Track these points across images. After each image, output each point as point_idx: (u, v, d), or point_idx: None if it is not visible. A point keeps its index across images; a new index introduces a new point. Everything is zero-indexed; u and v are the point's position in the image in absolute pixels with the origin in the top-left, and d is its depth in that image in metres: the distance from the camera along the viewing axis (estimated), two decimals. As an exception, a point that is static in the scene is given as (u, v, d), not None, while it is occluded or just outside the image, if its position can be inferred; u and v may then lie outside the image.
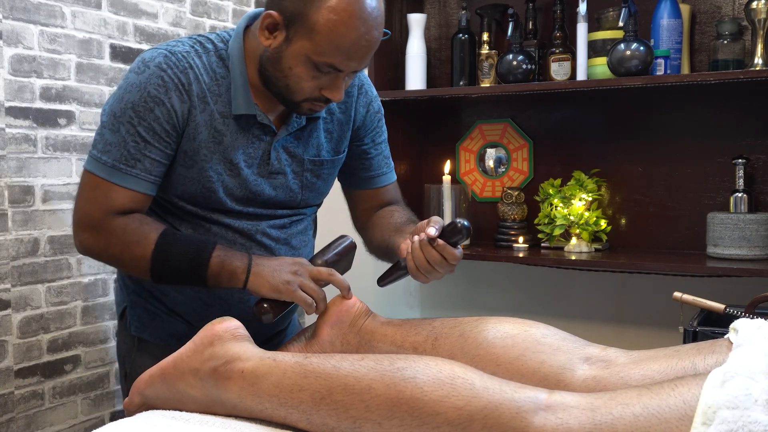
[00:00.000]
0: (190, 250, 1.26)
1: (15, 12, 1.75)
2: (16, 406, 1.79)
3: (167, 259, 1.26)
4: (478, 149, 2.45)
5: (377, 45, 1.24)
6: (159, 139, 1.26)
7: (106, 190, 1.26)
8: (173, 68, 1.27)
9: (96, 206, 1.27)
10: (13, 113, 1.76)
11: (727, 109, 2.09)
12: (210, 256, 1.25)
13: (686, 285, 2.05)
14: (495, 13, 2.29)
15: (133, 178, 1.26)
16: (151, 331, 1.44)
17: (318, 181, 1.43)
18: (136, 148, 1.25)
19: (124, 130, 1.25)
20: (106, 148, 1.26)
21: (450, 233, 1.25)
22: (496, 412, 0.90)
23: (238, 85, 1.30)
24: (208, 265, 1.25)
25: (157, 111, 1.25)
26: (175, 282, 1.30)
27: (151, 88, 1.25)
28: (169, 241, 1.26)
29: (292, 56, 1.22)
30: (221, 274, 1.26)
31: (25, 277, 1.80)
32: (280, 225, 1.41)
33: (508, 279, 2.40)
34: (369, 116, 1.49)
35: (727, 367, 0.88)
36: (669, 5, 1.99)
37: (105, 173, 1.26)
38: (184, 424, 1.04)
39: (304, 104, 1.28)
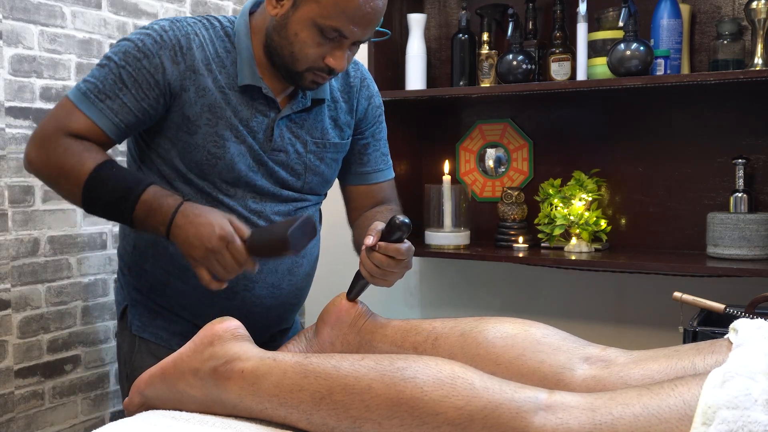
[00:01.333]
0: (125, 183, 1.25)
1: (15, 12, 1.75)
2: (16, 406, 1.79)
3: (98, 191, 1.25)
4: (478, 149, 2.45)
5: (380, 16, 1.28)
6: (138, 88, 1.29)
7: (68, 112, 1.29)
8: (175, 32, 1.32)
9: (53, 123, 1.29)
10: (13, 113, 1.76)
11: (727, 109, 2.09)
12: (142, 191, 1.24)
13: (686, 285, 2.05)
14: (495, 13, 2.29)
15: (98, 111, 1.28)
16: (152, 330, 1.45)
17: (321, 165, 1.45)
18: (112, 87, 1.28)
19: (107, 69, 1.29)
20: (89, 80, 1.30)
21: (389, 233, 1.23)
22: (496, 412, 0.90)
23: (244, 58, 1.34)
24: (138, 201, 1.24)
25: (145, 62, 1.29)
26: (104, 215, 1.30)
27: (147, 41, 1.30)
28: (106, 172, 1.25)
29: (298, 21, 1.26)
30: (147, 215, 1.24)
31: (25, 277, 1.80)
32: (284, 211, 1.42)
33: (508, 279, 2.40)
34: (370, 109, 1.52)
35: (727, 367, 0.88)
36: (669, 5, 2.00)
37: (75, 98, 1.29)
38: (184, 424, 1.04)
39: (307, 74, 1.31)
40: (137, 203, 1.23)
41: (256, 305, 1.42)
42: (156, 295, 1.44)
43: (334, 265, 2.14)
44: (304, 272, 1.48)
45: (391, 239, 1.22)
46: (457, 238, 2.27)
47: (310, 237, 1.23)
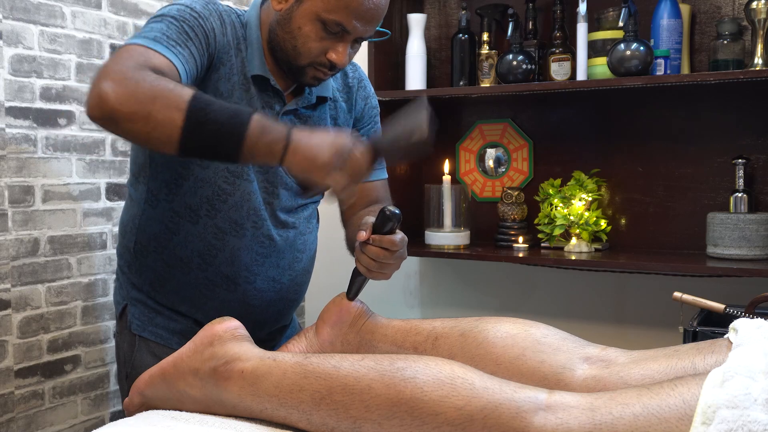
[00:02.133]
0: (229, 108, 1.11)
1: (15, 12, 1.75)
2: (16, 406, 1.79)
3: (205, 112, 1.07)
4: (478, 149, 2.45)
5: (383, 12, 1.29)
6: (199, 42, 1.25)
7: (143, 52, 1.15)
8: (216, 5, 1.32)
9: (130, 61, 1.12)
10: (13, 113, 1.76)
11: (727, 109, 2.09)
12: (251, 115, 1.10)
13: (686, 285, 2.05)
14: (495, 13, 2.29)
15: (174, 54, 1.19)
16: (152, 329, 1.45)
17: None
18: (179, 36, 1.22)
19: (167, 23, 1.22)
20: (148, 31, 1.20)
21: (381, 225, 1.21)
22: (496, 412, 0.90)
23: (254, 49, 1.35)
24: (249, 124, 1.08)
25: (202, 22, 1.27)
26: (205, 145, 1.10)
27: (197, 6, 1.28)
28: (206, 97, 1.11)
29: (302, 15, 1.27)
30: (259, 141, 1.09)
31: (25, 277, 1.80)
32: (289, 207, 1.43)
33: (508, 279, 2.40)
34: (367, 110, 1.54)
35: (726, 366, 0.88)
36: (669, 5, 2.00)
37: (146, 42, 1.17)
38: (184, 424, 1.04)
39: (308, 69, 1.32)
40: (251, 119, 1.09)
41: (256, 298, 1.42)
42: (156, 292, 1.44)
43: (332, 265, 2.14)
44: (302, 267, 1.49)
45: (383, 231, 1.21)
46: (457, 238, 2.27)
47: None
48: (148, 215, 1.40)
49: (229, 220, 1.36)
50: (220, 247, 1.37)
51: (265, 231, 1.39)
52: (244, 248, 1.38)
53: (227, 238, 1.37)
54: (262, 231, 1.39)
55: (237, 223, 1.37)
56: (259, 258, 1.40)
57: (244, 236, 1.37)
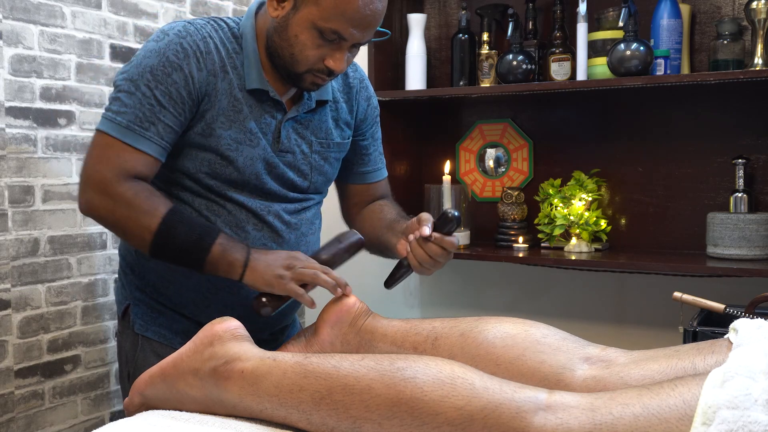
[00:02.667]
0: (194, 232, 1.27)
1: (15, 12, 1.75)
2: (16, 406, 1.79)
3: (170, 236, 1.26)
4: (478, 149, 2.45)
5: (380, 18, 1.29)
6: (174, 105, 1.28)
7: (118, 151, 1.26)
8: (192, 36, 1.31)
9: (107, 166, 1.26)
10: (13, 113, 1.76)
11: (727, 109, 2.09)
12: (213, 242, 1.26)
13: (686, 285, 2.05)
14: (495, 13, 2.29)
15: (147, 141, 1.27)
16: (155, 329, 1.45)
17: (325, 164, 1.47)
18: (151, 111, 1.26)
19: (140, 94, 1.27)
20: (121, 110, 1.27)
21: (442, 225, 1.32)
22: (496, 412, 0.90)
23: (251, 61, 1.35)
24: (210, 251, 1.26)
25: (175, 76, 1.27)
26: (171, 260, 1.31)
27: (170, 54, 1.28)
28: (176, 219, 1.27)
29: (298, 23, 1.27)
30: (219, 263, 1.27)
31: (25, 277, 1.80)
32: (291, 210, 1.44)
33: (508, 279, 2.40)
34: (370, 110, 1.55)
35: (727, 367, 0.88)
36: (669, 5, 2.00)
37: (119, 134, 1.26)
38: (184, 424, 1.04)
39: (306, 76, 1.32)
40: (214, 243, 1.26)
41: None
42: (158, 293, 1.44)
43: (334, 265, 2.14)
44: None
45: (443, 231, 1.31)
46: (457, 238, 2.27)
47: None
48: None
49: (230, 224, 1.37)
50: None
51: (266, 233, 1.39)
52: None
53: None
54: (264, 233, 1.39)
55: (238, 225, 1.37)
56: None
57: (246, 238, 1.37)
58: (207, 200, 1.37)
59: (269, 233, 1.40)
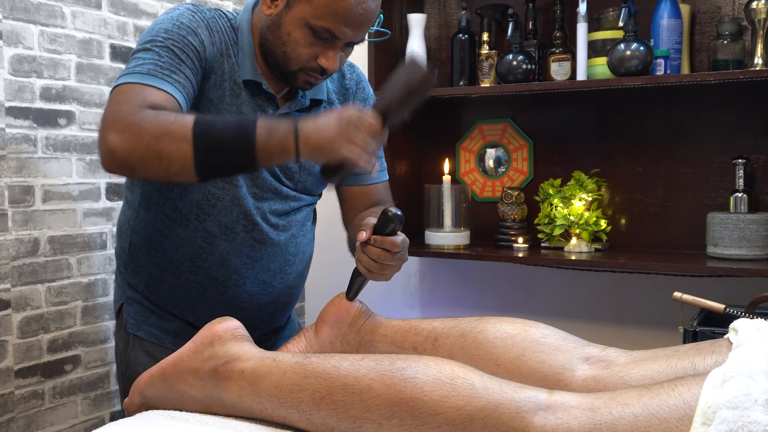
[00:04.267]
0: (232, 122, 1.15)
1: (15, 12, 1.75)
2: (16, 406, 1.79)
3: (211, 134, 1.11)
4: (478, 149, 2.45)
5: (373, 17, 1.28)
6: (191, 62, 1.24)
7: (139, 91, 1.17)
8: (203, 13, 1.31)
9: (128, 105, 1.14)
10: (13, 113, 1.76)
11: (727, 109, 2.09)
12: (255, 122, 1.13)
13: (686, 285, 2.05)
14: (495, 13, 2.29)
15: (170, 84, 1.19)
16: (146, 328, 1.45)
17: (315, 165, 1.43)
18: (171, 62, 1.21)
19: (158, 49, 1.22)
20: (139, 65, 1.20)
21: (383, 226, 1.21)
22: (496, 412, 0.90)
23: (246, 53, 1.34)
24: (256, 132, 1.11)
25: (190, 38, 1.25)
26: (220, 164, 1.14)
27: (183, 19, 1.27)
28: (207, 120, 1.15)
29: (291, 21, 1.26)
30: (270, 141, 1.12)
31: (25, 277, 1.80)
32: (281, 211, 1.42)
33: (508, 279, 2.40)
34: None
35: (726, 367, 0.88)
36: (669, 5, 2.00)
37: (140, 78, 1.18)
38: (184, 424, 1.04)
39: (299, 74, 1.31)
40: (256, 124, 1.12)
41: (246, 302, 1.42)
42: (150, 292, 1.44)
43: (332, 265, 2.14)
44: (296, 271, 1.49)
45: (384, 232, 1.21)
46: (457, 238, 2.27)
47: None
48: (142, 218, 1.41)
49: (219, 224, 1.36)
50: (209, 251, 1.37)
51: (255, 235, 1.38)
52: (233, 251, 1.38)
53: (217, 242, 1.37)
54: (253, 235, 1.38)
55: (227, 227, 1.36)
56: (249, 261, 1.39)
57: (234, 240, 1.37)
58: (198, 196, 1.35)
59: (259, 234, 1.39)
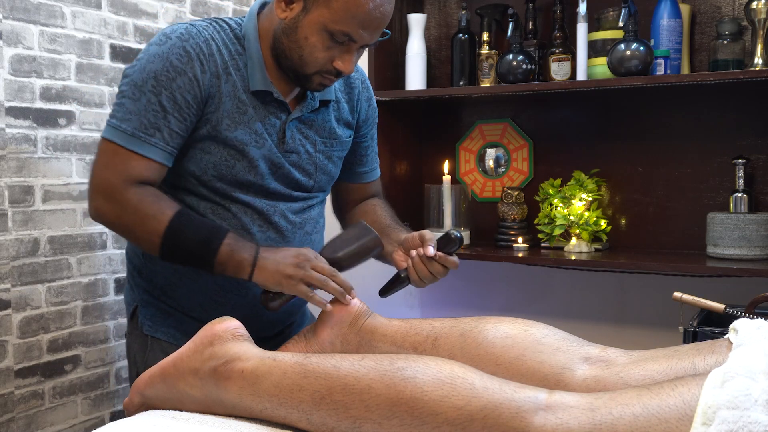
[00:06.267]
0: (201, 233, 1.27)
1: (15, 12, 1.75)
2: (16, 406, 1.79)
3: (179, 239, 1.26)
4: (478, 149, 2.45)
5: (388, 20, 1.31)
6: (179, 110, 1.28)
7: (124, 158, 1.27)
8: (195, 39, 1.31)
9: (114, 173, 1.27)
10: (13, 113, 1.76)
11: (727, 109, 2.09)
12: (221, 243, 1.26)
13: (686, 285, 2.05)
14: (495, 13, 2.29)
15: (152, 147, 1.27)
16: (164, 330, 1.45)
17: (329, 163, 1.48)
18: (156, 117, 1.27)
19: (145, 99, 1.27)
20: (126, 117, 1.27)
21: (444, 245, 1.37)
22: (495, 411, 0.90)
23: (254, 62, 1.35)
24: (218, 252, 1.26)
25: (179, 81, 1.28)
26: (182, 262, 1.31)
27: (173, 58, 1.28)
28: (183, 222, 1.27)
29: (308, 25, 1.27)
30: (228, 263, 1.27)
31: (25, 277, 1.80)
32: (296, 209, 1.45)
33: (508, 279, 2.40)
34: (370, 111, 1.56)
35: (727, 367, 0.88)
36: (669, 5, 1.99)
37: (124, 141, 1.27)
38: (184, 424, 1.04)
39: (315, 77, 1.33)
40: (221, 245, 1.26)
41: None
42: (166, 296, 1.44)
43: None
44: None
45: (445, 251, 1.36)
46: (457, 238, 2.27)
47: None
48: None
49: (236, 226, 1.37)
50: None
51: (272, 233, 1.40)
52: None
53: None
54: (269, 234, 1.39)
55: (244, 227, 1.37)
56: None
57: (252, 239, 1.37)
58: (212, 203, 1.36)
59: (274, 233, 1.40)
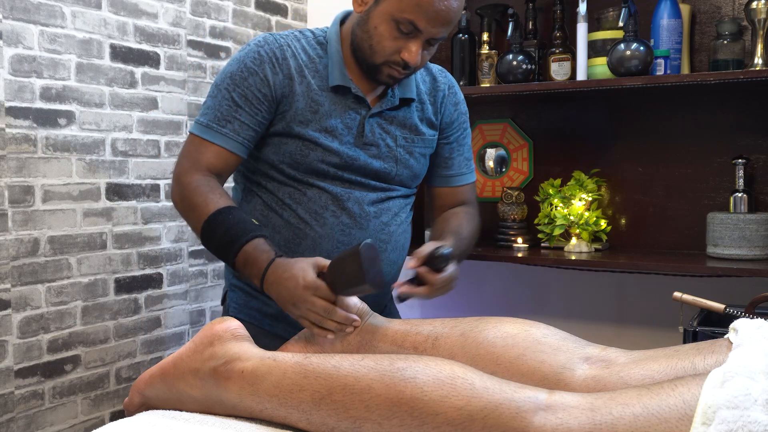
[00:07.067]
0: (227, 237, 1.35)
1: (15, 12, 1.75)
2: (16, 406, 1.79)
3: (211, 236, 1.38)
4: (478, 149, 2.45)
5: (455, 16, 1.38)
6: (250, 105, 1.43)
7: (198, 146, 1.43)
8: (270, 45, 1.46)
9: (187, 159, 1.43)
10: (13, 113, 1.76)
11: (727, 109, 2.09)
12: (239, 250, 1.33)
13: (686, 285, 2.05)
14: (495, 13, 2.29)
15: (223, 137, 1.42)
16: (247, 311, 1.55)
17: (411, 158, 1.55)
18: (228, 110, 1.43)
19: (220, 96, 1.44)
20: (205, 112, 1.45)
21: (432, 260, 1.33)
22: (496, 411, 0.90)
23: (335, 61, 1.47)
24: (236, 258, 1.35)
25: (251, 80, 1.43)
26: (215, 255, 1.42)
27: (248, 61, 1.45)
28: (217, 221, 1.36)
29: (378, 15, 1.38)
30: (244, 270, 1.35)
31: (25, 277, 1.80)
32: (374, 199, 1.51)
33: (508, 279, 2.40)
34: (457, 116, 1.64)
35: (726, 367, 0.88)
36: (669, 5, 1.99)
37: (200, 131, 1.44)
38: (184, 424, 1.04)
39: (383, 68, 1.42)
40: (239, 252, 1.33)
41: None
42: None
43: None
44: (388, 258, 1.54)
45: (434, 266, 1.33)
46: (457, 238, 2.27)
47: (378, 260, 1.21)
48: (244, 210, 1.53)
49: (310, 211, 1.46)
50: (302, 236, 1.47)
51: (345, 219, 1.47)
52: (325, 237, 1.46)
53: (309, 228, 1.47)
54: (341, 219, 1.47)
55: (317, 213, 1.47)
56: (340, 246, 1.47)
57: (324, 224, 1.46)
58: (290, 188, 1.47)
59: (348, 218, 1.47)
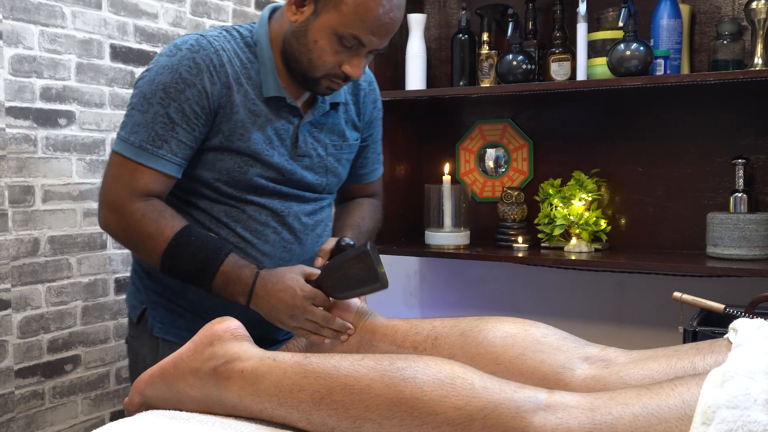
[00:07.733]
0: (196, 262, 1.26)
1: (15, 12, 1.75)
2: (16, 406, 1.79)
3: (176, 263, 1.27)
4: (478, 149, 2.45)
5: (397, 26, 1.32)
6: (188, 121, 1.28)
7: (132, 170, 1.28)
8: (205, 50, 1.31)
9: (121, 185, 1.28)
10: (13, 113, 1.76)
11: (727, 109, 2.09)
12: (216, 272, 1.26)
13: (686, 285, 2.05)
14: (495, 13, 2.29)
15: (160, 159, 1.28)
16: (175, 331, 1.44)
17: (339, 166, 1.49)
18: (164, 129, 1.27)
19: (153, 111, 1.27)
20: (134, 129, 1.28)
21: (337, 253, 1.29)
22: (495, 411, 0.90)
23: (267, 69, 1.35)
24: (212, 284, 1.27)
25: (188, 92, 1.28)
26: (183, 281, 1.32)
27: (182, 70, 1.28)
28: (181, 243, 1.27)
29: (318, 29, 1.28)
30: (223, 293, 1.28)
31: (25, 277, 1.80)
32: (309, 211, 1.45)
33: (508, 279, 2.40)
34: (375, 113, 1.57)
35: (726, 366, 0.88)
36: (669, 5, 1.99)
37: (132, 154, 1.28)
38: (184, 424, 1.04)
39: (323, 81, 1.33)
40: (216, 275, 1.26)
41: None
42: (177, 297, 1.43)
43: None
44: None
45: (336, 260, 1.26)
46: (457, 238, 2.27)
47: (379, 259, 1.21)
48: None
49: (250, 229, 1.37)
50: (244, 255, 1.36)
51: (286, 235, 1.40)
52: (268, 254, 1.39)
53: (250, 247, 1.38)
54: (283, 236, 1.40)
55: (257, 231, 1.38)
56: (281, 263, 1.40)
57: (267, 242, 1.38)
58: (226, 206, 1.37)
59: (289, 234, 1.41)
